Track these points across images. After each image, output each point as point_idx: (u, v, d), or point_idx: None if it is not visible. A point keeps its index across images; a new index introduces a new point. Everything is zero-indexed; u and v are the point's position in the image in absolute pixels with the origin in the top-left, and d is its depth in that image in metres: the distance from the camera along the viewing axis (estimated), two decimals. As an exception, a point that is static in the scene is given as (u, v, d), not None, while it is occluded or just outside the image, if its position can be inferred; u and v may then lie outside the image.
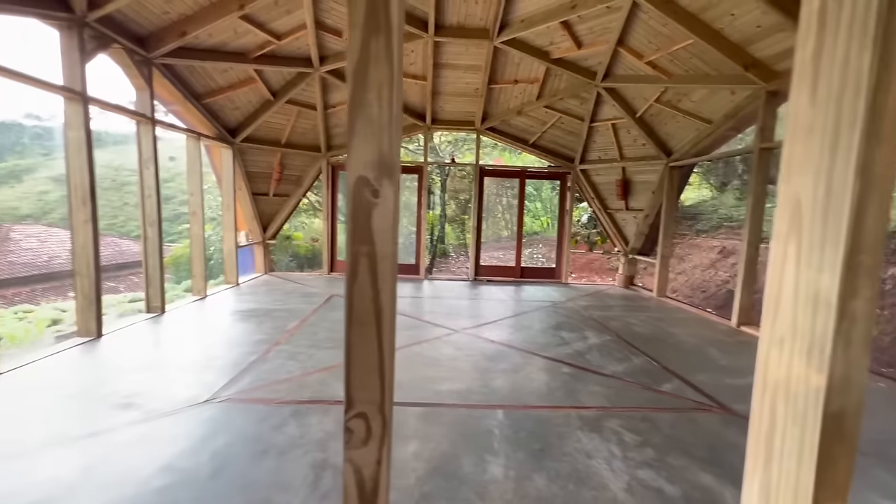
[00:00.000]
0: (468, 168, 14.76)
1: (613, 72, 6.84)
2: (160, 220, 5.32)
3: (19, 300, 13.83)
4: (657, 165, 7.73)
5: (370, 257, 0.85)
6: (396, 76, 0.82)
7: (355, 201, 0.84)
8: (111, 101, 4.55)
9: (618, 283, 8.90)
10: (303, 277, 8.57)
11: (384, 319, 0.89)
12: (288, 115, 7.66)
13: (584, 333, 5.20)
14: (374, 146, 0.83)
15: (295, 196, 8.77)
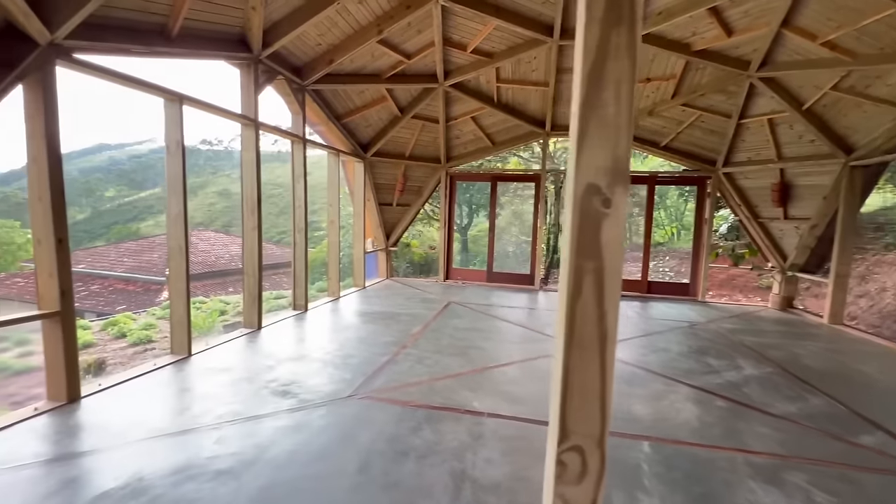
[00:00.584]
0: None
1: (774, 59, 5.89)
2: (306, 228, 5.99)
3: (195, 293, 16.85)
4: (831, 166, 6.44)
5: (597, 274, 0.76)
6: (635, 72, 0.73)
7: (582, 211, 0.76)
8: (272, 125, 5.26)
9: (771, 305, 7.58)
10: (420, 283, 8.94)
11: (608, 343, 0.79)
12: (412, 129, 8.10)
13: (737, 362, 4.48)
14: (607, 150, 0.74)
15: (415, 205, 9.22)
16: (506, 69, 7.12)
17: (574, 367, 0.79)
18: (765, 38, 5.59)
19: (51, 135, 2.83)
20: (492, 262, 9.05)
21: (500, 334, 5.26)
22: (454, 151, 8.86)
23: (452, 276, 9.19)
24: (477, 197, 16.83)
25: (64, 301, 2.94)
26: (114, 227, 45.90)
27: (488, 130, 8.52)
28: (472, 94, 7.57)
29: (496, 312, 6.39)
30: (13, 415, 2.80)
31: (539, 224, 8.60)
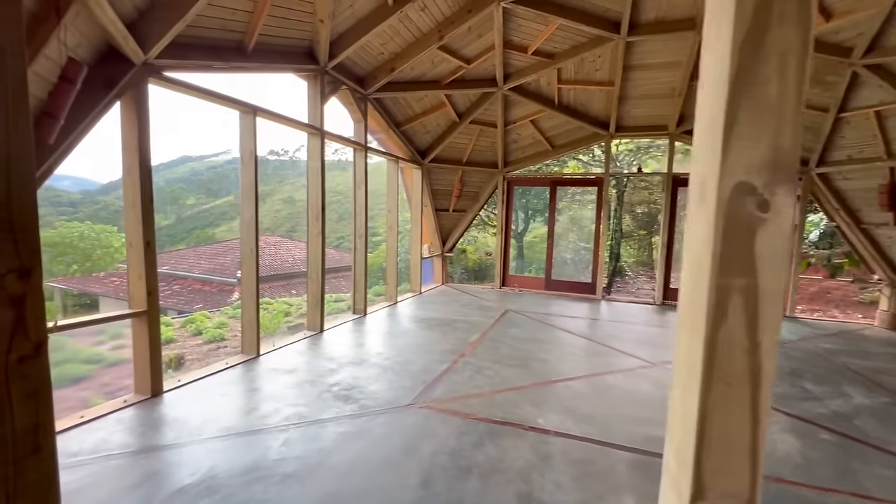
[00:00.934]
0: (656, 178, 13.26)
1: (883, 43, 5.18)
2: (366, 233, 6.10)
3: (264, 294, 17.90)
4: (957, 163, 5.54)
5: (748, 294, 0.61)
6: (809, 40, 0.58)
7: (730, 216, 0.62)
8: (336, 133, 5.42)
9: (879, 323, 6.64)
10: (475, 290, 8.82)
11: (763, 381, 0.64)
12: (470, 134, 8.05)
13: (842, 388, 3.92)
14: (766, 140, 0.59)
15: (472, 211, 9.14)
16: (568, 69, 6.87)
17: (714, 408, 0.64)
18: (873, 20, 4.93)
19: (142, 147, 3.05)
20: (550, 269, 8.74)
21: (562, 346, 5.01)
22: (512, 156, 8.69)
23: (509, 283, 8.99)
24: (534, 202, 16.46)
25: (150, 301, 3.15)
26: (193, 232, 50.22)
27: (548, 133, 8.27)
28: (532, 96, 7.38)
29: (556, 322, 6.12)
30: (106, 405, 3.03)
31: (601, 230, 8.19)
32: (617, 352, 4.84)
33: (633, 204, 15.05)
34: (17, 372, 1.51)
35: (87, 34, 2.57)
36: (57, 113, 2.08)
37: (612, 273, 9.42)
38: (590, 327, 5.98)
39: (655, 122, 7.70)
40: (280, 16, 3.98)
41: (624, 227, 14.31)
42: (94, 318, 2.90)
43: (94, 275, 21.98)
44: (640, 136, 8.09)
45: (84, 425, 2.78)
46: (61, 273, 22.74)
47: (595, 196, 8.46)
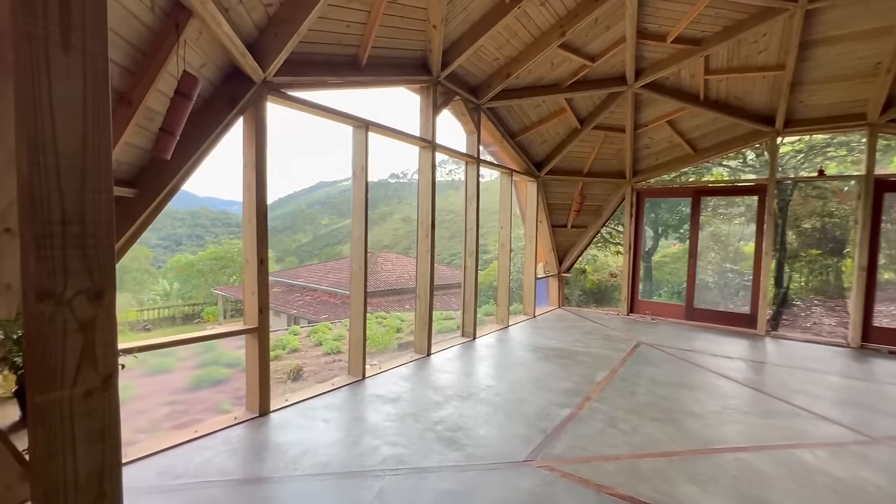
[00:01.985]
0: (846, 184, 10.48)
1: None
2: (477, 251, 5.70)
3: (379, 308, 18.82)
4: None
5: None
6: None
7: None
8: (448, 146, 5.16)
9: None
10: (597, 315, 7.80)
11: None
12: (592, 141, 7.23)
13: None
14: None
15: (593, 227, 8.20)
16: (718, 56, 5.71)
17: None
18: None
19: (259, 164, 3.07)
20: (693, 295, 7.32)
21: (720, 396, 3.90)
22: (642, 164, 7.60)
23: (638, 309, 7.78)
24: (664, 216, 14.50)
25: (261, 319, 3.12)
26: (325, 249, 56.40)
27: (689, 135, 7.03)
28: (670, 92, 6.31)
29: (706, 363, 4.93)
30: (217, 421, 3.04)
31: (764, 249, 6.59)
32: (806, 413, 3.58)
33: (798, 217, 12.27)
34: (83, 407, 1.28)
35: (210, 54, 2.63)
36: (172, 128, 2.07)
37: (782, 302, 7.51)
38: (756, 373, 4.66)
39: (844, 111, 5.99)
40: (393, 25, 3.85)
41: (787, 246, 11.68)
42: (208, 335, 2.94)
43: (247, 284, 25.71)
44: (820, 130, 6.37)
45: (196, 441, 2.78)
46: (224, 282, 27.10)
47: (748, 207, 6.89)
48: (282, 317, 19.96)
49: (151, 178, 2.55)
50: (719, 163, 11.28)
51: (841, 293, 9.64)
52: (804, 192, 9.87)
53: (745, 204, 12.77)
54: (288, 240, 69.20)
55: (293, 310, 19.38)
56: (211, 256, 27.38)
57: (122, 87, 2.10)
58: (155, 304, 29.83)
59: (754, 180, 6.87)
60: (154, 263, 36.53)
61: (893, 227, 9.93)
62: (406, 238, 55.40)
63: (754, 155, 11.57)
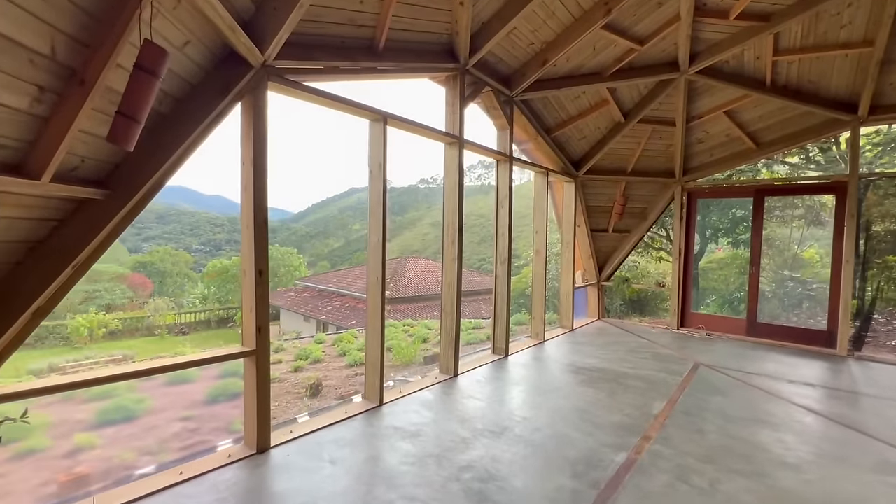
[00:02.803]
0: None
1: None
2: (510, 259, 5.14)
3: (406, 315, 18.44)
4: None
5: None
6: None
7: None
8: (478, 143, 4.64)
9: None
10: (642, 329, 7.04)
11: None
12: (638, 137, 6.53)
13: None
14: None
15: (637, 231, 7.46)
16: (791, 34, 4.93)
17: None
18: None
19: (259, 160, 2.65)
20: (755, 308, 6.46)
21: (812, 439, 3.17)
22: (694, 161, 6.82)
23: (690, 322, 6.96)
24: (713, 219, 13.38)
25: (259, 340, 2.69)
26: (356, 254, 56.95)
27: (751, 127, 6.22)
28: (730, 78, 5.56)
29: (783, 391, 4.15)
30: (210, 460, 2.62)
31: (844, 256, 5.68)
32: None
33: (868, 220, 10.95)
34: None
35: (195, 30, 2.22)
36: (132, 111, 1.66)
37: (866, 317, 6.51)
38: (850, 406, 3.85)
39: (948, 94, 5.07)
40: (413, 2, 3.38)
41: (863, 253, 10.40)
42: (198, 360, 2.52)
43: (278, 290, 25.97)
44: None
45: (180, 486, 2.36)
46: (257, 287, 27.59)
47: (808, 209, 5.99)
48: (311, 322, 19.94)
49: (126, 176, 2.16)
50: (781, 160, 10.21)
51: None
52: (882, 191, 8.70)
53: (805, 205, 11.57)
54: (321, 245, 70.43)
55: (321, 315, 19.29)
56: (242, 262, 27.94)
57: (73, 62, 1.71)
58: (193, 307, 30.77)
59: (831, 177, 5.97)
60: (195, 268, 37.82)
61: None
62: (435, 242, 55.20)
63: (818, 150, 10.42)
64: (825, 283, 11.65)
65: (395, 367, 7.16)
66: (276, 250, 28.88)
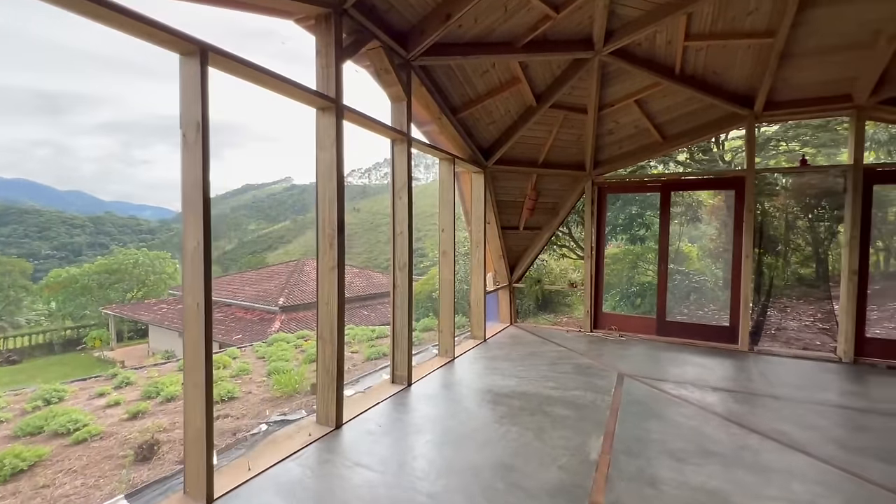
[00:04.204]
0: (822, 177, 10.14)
1: None
2: (411, 263, 4.12)
3: (305, 324, 16.52)
4: None
5: None
6: None
7: None
8: (366, 113, 3.53)
9: None
10: (556, 334, 6.54)
11: None
12: (549, 125, 5.96)
13: None
14: None
15: (549, 228, 6.96)
16: (702, 17, 4.63)
17: None
18: None
19: None
20: (664, 307, 6.30)
21: (794, 479, 2.66)
22: (603, 153, 6.48)
23: (603, 323, 6.63)
24: (612, 216, 13.92)
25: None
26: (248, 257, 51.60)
27: (658, 119, 6.00)
28: (642, 63, 5.19)
29: (712, 404, 3.75)
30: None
31: (744, 251, 5.69)
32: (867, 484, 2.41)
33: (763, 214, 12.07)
34: None
35: None
36: None
37: (763, 312, 6.78)
38: (793, 418, 3.52)
39: (828, 92, 5.22)
40: None
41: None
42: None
43: (146, 301, 21.89)
44: (802, 114, 5.58)
45: None
46: (118, 300, 22.94)
47: (688, 206, 6.00)
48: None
49: None
50: (673, 158, 10.67)
51: (805, 294, 9.32)
52: (769, 187, 9.43)
53: (685, 202, 12.43)
54: (207, 247, 62.81)
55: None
56: (100, 269, 23.09)
57: None
58: (34, 327, 24.82)
59: (731, 172, 6.00)
60: (35, 278, 30.69)
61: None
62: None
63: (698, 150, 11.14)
64: (705, 275, 12.69)
65: (272, 401, 5.73)
66: (144, 254, 24.39)
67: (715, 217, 13.66)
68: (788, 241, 10.10)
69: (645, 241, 12.15)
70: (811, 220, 10.78)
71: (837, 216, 10.58)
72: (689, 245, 14.35)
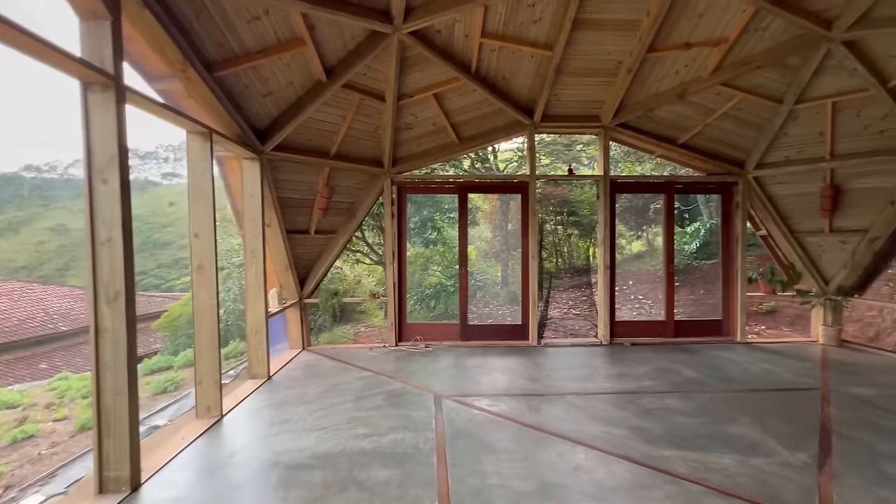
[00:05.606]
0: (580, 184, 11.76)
1: (873, 13, 4.25)
2: (131, 288, 2.51)
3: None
4: None
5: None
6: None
7: None
8: (19, 27, 1.85)
9: (825, 340, 6.00)
10: (359, 355, 5.66)
11: None
12: (344, 109, 5.04)
13: None
14: None
15: (345, 232, 6.02)
16: (496, 15, 4.54)
17: None
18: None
19: None
20: (466, 312, 6.20)
21: (608, 494, 2.43)
22: (402, 149, 5.96)
23: (408, 334, 6.11)
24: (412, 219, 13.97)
25: None
26: None
27: (455, 118, 5.83)
28: (442, 53, 4.84)
29: (529, 416, 3.56)
30: None
31: (530, 252, 6.06)
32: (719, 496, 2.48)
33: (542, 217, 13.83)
34: None
35: None
36: None
37: (546, 309, 7.52)
38: (616, 422, 3.56)
39: (586, 111, 5.99)
40: None
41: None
42: None
43: None
44: (566, 129, 6.33)
45: None
46: None
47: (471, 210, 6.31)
48: None
49: None
50: (459, 165, 11.19)
51: (571, 286, 11.07)
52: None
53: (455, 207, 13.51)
54: None
55: None
56: None
57: None
58: None
59: (518, 176, 6.33)
60: None
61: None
62: (59, 255, 38.79)
63: (478, 159, 12.13)
64: (486, 274, 14.02)
65: None
66: None
67: (489, 221, 15.36)
68: (556, 243, 11.96)
69: (436, 244, 12.56)
70: (557, 223, 13.10)
71: (574, 221, 13.13)
72: (469, 246, 15.73)
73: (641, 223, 14.93)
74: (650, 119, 5.98)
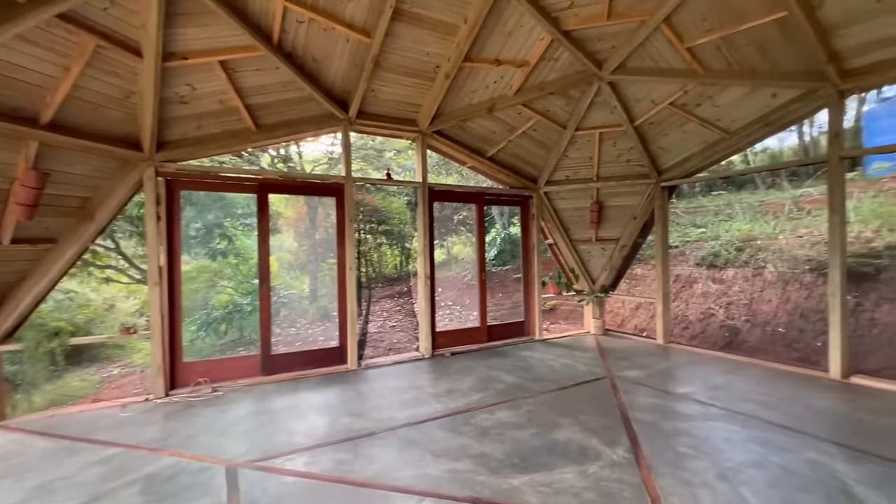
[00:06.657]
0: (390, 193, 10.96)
1: (628, 63, 5.21)
2: None
3: None
4: (640, 186, 6.47)
5: None
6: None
7: None
8: None
9: (595, 331, 7.20)
10: (97, 420, 3.88)
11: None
12: (64, 53, 3.34)
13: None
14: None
15: (74, 241, 4.10)
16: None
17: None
18: (635, 32, 4.76)
19: None
20: (269, 337, 5.02)
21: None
22: (174, 130, 4.45)
23: (186, 376, 4.55)
24: (183, 224, 11.13)
25: None
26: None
27: (252, 99, 4.67)
28: (231, 6, 3.73)
29: (378, 470, 2.89)
30: None
31: (348, 264, 5.34)
32: None
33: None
34: None
35: None
36: None
37: (365, 326, 6.64)
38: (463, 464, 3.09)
39: (404, 113, 5.70)
40: None
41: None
42: None
43: None
44: (384, 130, 5.83)
45: None
46: None
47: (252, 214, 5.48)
48: None
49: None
50: (257, 162, 9.48)
51: (388, 297, 10.48)
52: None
53: (251, 211, 11.77)
54: None
55: None
56: None
57: None
58: None
59: (331, 177, 5.49)
60: None
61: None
62: None
63: (282, 162, 10.68)
64: (292, 288, 12.44)
65: None
66: None
67: (294, 229, 13.80)
68: (367, 251, 11.34)
69: (226, 256, 10.45)
70: (368, 232, 12.64)
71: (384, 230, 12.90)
72: (271, 257, 13.80)
73: (444, 233, 15.91)
74: (463, 130, 6.09)
